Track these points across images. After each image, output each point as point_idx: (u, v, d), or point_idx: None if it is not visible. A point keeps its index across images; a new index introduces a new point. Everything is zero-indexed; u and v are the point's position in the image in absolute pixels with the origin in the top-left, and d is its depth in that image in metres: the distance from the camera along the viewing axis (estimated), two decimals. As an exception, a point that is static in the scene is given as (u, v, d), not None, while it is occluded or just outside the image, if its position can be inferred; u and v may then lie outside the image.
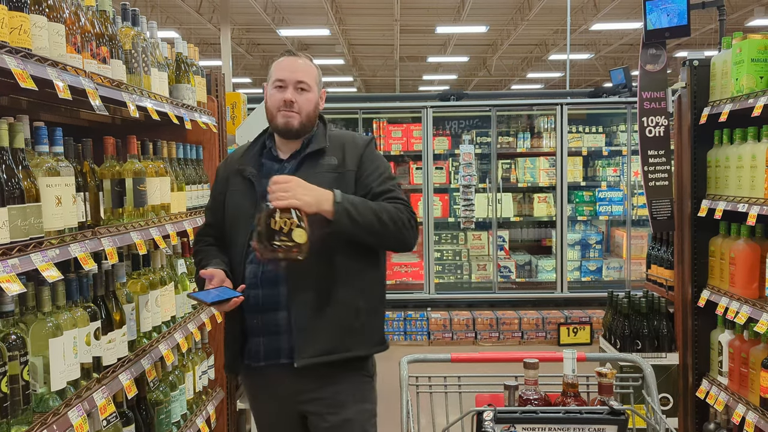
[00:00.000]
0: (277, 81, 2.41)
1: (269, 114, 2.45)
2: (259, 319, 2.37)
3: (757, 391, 3.03)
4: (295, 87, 2.40)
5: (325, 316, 2.33)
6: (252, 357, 2.41)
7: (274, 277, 2.34)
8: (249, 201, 2.41)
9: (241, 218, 2.41)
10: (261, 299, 2.35)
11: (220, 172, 2.60)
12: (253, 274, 2.37)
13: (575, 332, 7.02)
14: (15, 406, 1.80)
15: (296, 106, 2.39)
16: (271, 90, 2.44)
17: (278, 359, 2.37)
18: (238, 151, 2.62)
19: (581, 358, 1.89)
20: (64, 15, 2.09)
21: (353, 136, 2.52)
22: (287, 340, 2.35)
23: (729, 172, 3.32)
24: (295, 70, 2.42)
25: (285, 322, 2.34)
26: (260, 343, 2.39)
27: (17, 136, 1.87)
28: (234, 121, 4.31)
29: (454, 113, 8.04)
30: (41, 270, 1.85)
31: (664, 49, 3.79)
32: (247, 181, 2.44)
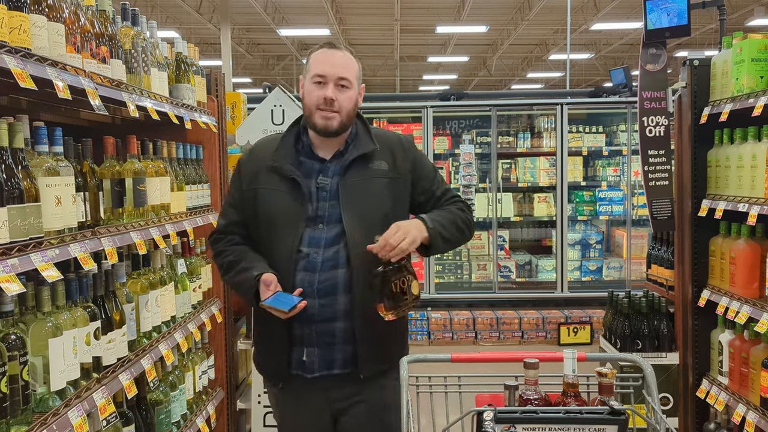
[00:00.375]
0: (316, 76, 2.25)
1: (307, 111, 2.30)
2: (313, 329, 2.26)
3: (757, 390, 3.03)
4: (336, 84, 2.25)
5: (384, 323, 2.25)
6: (304, 368, 2.30)
7: (331, 287, 2.25)
8: (295, 202, 2.27)
9: (287, 219, 2.28)
10: (317, 309, 2.25)
11: (246, 167, 2.41)
12: (308, 283, 2.24)
13: (575, 332, 7.02)
14: (15, 406, 1.80)
15: (336, 105, 2.25)
16: (310, 85, 2.28)
17: (332, 369, 2.29)
18: (265, 144, 2.45)
19: (581, 358, 1.88)
20: (64, 15, 2.09)
21: (398, 138, 2.42)
22: (342, 350, 2.27)
23: (729, 172, 3.32)
24: (337, 65, 2.26)
25: (342, 332, 2.26)
26: (314, 353, 2.28)
27: (17, 135, 1.87)
28: (234, 120, 4.31)
29: (454, 113, 8.04)
30: (41, 270, 1.85)
31: (664, 48, 3.78)
32: (290, 180, 2.30)
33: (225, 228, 2.44)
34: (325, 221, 2.27)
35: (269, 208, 2.31)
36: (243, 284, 2.27)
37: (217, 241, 2.45)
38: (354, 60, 2.31)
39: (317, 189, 2.29)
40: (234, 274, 2.32)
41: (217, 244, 2.44)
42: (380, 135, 2.39)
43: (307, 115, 2.31)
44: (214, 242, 2.47)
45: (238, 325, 4.12)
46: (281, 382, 2.37)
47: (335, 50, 2.29)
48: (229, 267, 2.36)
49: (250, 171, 2.38)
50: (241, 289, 2.31)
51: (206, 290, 3.56)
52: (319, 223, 2.27)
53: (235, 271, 2.32)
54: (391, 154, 2.35)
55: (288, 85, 21.14)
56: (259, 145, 2.47)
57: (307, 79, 2.29)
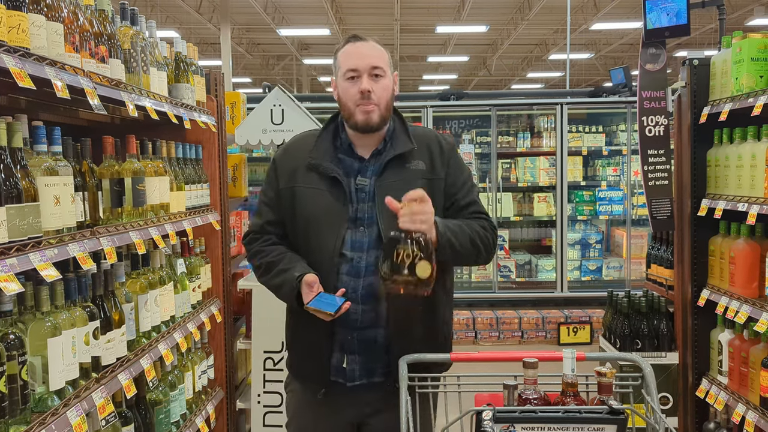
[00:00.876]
0: (349, 71, 2.17)
1: (347, 111, 2.20)
2: (355, 335, 2.19)
3: (757, 390, 3.03)
4: (370, 74, 2.16)
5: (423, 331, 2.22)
6: (345, 376, 2.22)
7: (375, 293, 2.16)
8: (336, 201, 2.19)
9: (328, 220, 2.19)
10: (360, 315, 2.17)
11: (282, 164, 2.30)
12: (351, 288, 2.16)
13: (575, 332, 7.02)
14: (13, 406, 1.80)
15: (374, 97, 2.16)
16: (344, 83, 2.19)
17: (372, 378, 2.22)
18: (301, 141, 2.35)
19: (581, 358, 1.88)
20: (63, 14, 2.09)
21: (437, 138, 2.32)
22: (384, 358, 2.19)
23: (729, 172, 3.32)
24: (367, 56, 2.17)
25: (384, 338, 2.19)
26: (355, 360, 2.20)
27: (15, 135, 1.87)
28: (233, 120, 4.31)
29: (454, 113, 8.04)
30: (40, 269, 1.85)
31: (663, 48, 3.78)
32: (330, 179, 2.21)
33: (261, 227, 2.33)
34: (365, 223, 2.19)
35: (309, 208, 2.22)
36: (283, 286, 2.18)
37: (253, 242, 2.35)
38: (382, 48, 2.23)
39: (356, 189, 2.22)
40: (273, 276, 2.23)
41: (253, 244, 2.34)
42: (418, 133, 2.30)
43: (347, 116, 2.22)
44: (249, 242, 2.37)
45: (238, 324, 4.12)
46: (323, 388, 2.25)
47: (362, 42, 2.21)
48: (267, 269, 2.26)
49: (286, 168, 2.28)
50: (281, 291, 2.22)
51: (206, 290, 3.56)
52: (360, 226, 2.19)
53: (273, 273, 2.23)
54: (429, 153, 2.26)
55: (288, 85, 21.16)
56: (295, 142, 2.37)
57: (339, 77, 2.21)
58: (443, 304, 2.31)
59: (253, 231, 2.37)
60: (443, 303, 2.30)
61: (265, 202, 2.34)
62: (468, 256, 2.19)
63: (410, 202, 1.99)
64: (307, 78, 22.19)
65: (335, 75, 2.25)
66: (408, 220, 1.97)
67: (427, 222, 1.99)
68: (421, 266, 1.93)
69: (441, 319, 2.31)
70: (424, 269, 1.93)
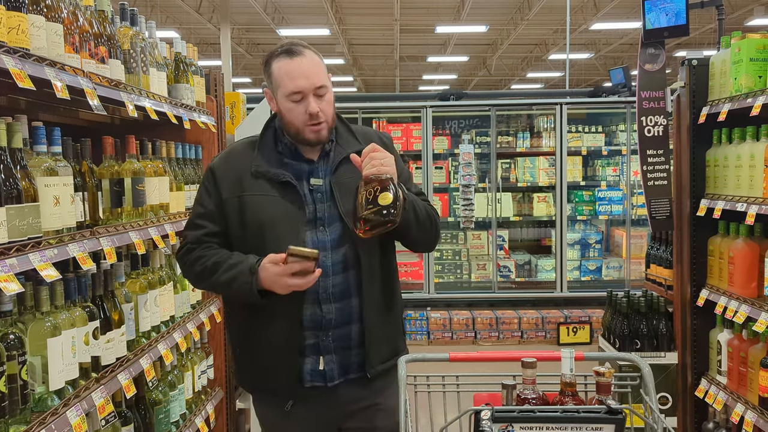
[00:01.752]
0: (293, 94, 2.13)
1: (293, 129, 2.18)
2: (330, 335, 2.18)
3: (755, 390, 3.04)
4: (315, 94, 2.15)
5: (389, 321, 2.29)
6: (324, 377, 2.20)
7: (345, 290, 2.19)
8: (292, 205, 2.16)
9: (285, 224, 2.15)
10: (334, 314, 2.18)
11: (222, 175, 2.23)
12: (322, 288, 2.15)
13: (575, 332, 7.03)
14: (13, 406, 1.80)
15: (322, 115, 2.15)
16: (287, 103, 2.15)
17: (348, 374, 2.23)
18: (239, 149, 2.29)
19: (579, 358, 1.89)
20: (63, 15, 2.09)
21: (377, 134, 2.38)
22: (358, 354, 2.22)
23: (728, 172, 3.32)
24: (310, 74, 2.13)
25: (357, 335, 2.21)
26: (332, 360, 2.20)
27: (15, 135, 1.87)
28: (233, 120, 4.32)
29: (454, 113, 8.04)
30: (39, 270, 1.86)
31: (663, 48, 3.79)
32: (281, 184, 2.18)
33: (198, 239, 2.22)
34: (325, 223, 2.21)
35: (261, 214, 2.16)
36: (238, 277, 2.09)
37: (190, 251, 2.23)
38: (319, 58, 2.19)
39: (311, 191, 2.21)
40: (222, 272, 2.13)
41: (191, 253, 2.22)
42: (361, 131, 2.35)
43: (293, 132, 2.19)
44: (186, 253, 2.23)
45: (238, 324, 4.12)
46: (291, 400, 2.22)
47: (299, 57, 2.14)
48: (213, 269, 2.15)
49: (228, 178, 2.21)
50: (234, 283, 2.10)
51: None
52: (320, 226, 2.20)
53: (222, 269, 2.13)
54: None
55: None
56: (233, 151, 2.31)
57: (280, 96, 2.16)
58: (398, 292, 2.39)
59: (189, 242, 2.24)
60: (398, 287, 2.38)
61: (202, 214, 2.23)
62: (425, 227, 2.24)
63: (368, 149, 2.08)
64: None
65: (272, 88, 2.20)
66: (369, 165, 2.03)
67: (387, 163, 2.04)
68: (383, 196, 1.99)
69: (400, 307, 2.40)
70: (384, 197, 1.99)
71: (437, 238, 2.38)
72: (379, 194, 1.99)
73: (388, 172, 2.03)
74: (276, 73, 2.16)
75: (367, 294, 2.21)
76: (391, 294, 2.32)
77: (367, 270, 2.21)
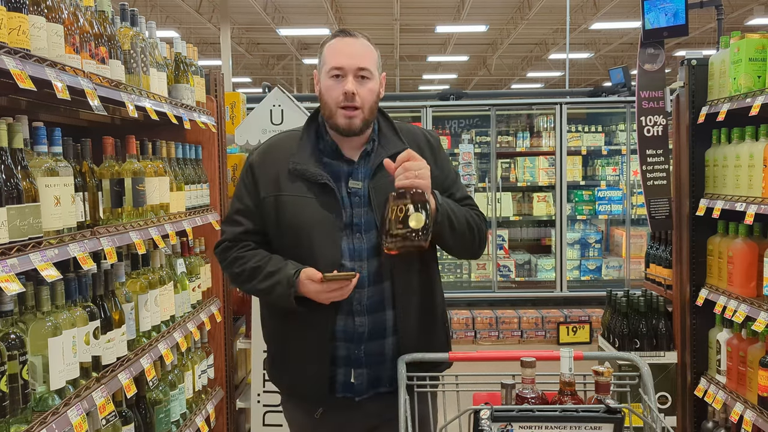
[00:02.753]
0: (333, 69, 2.04)
1: (327, 110, 2.09)
2: (362, 348, 2.09)
3: (755, 389, 3.04)
4: (356, 75, 2.04)
5: (429, 333, 2.17)
6: (353, 390, 2.12)
7: (379, 303, 2.09)
8: (328, 209, 2.07)
9: (322, 229, 2.06)
10: (367, 327, 2.08)
11: (261, 171, 2.15)
12: (356, 300, 2.06)
13: (574, 331, 7.03)
14: (14, 405, 1.81)
15: (358, 100, 2.04)
16: (327, 80, 2.07)
17: (378, 388, 2.13)
18: (280, 144, 2.20)
19: (579, 357, 1.89)
20: (63, 15, 2.10)
21: (424, 134, 2.25)
22: (391, 368, 2.10)
23: (727, 171, 3.33)
24: (355, 55, 2.05)
25: (391, 349, 2.11)
26: (363, 374, 2.10)
27: (16, 136, 1.88)
28: (233, 120, 4.32)
29: (454, 113, 8.04)
30: (40, 270, 1.86)
31: (662, 48, 3.79)
32: (319, 185, 2.09)
33: (236, 236, 2.18)
34: (362, 230, 2.09)
35: (298, 217, 2.07)
36: (276, 286, 2.04)
37: (228, 249, 2.18)
38: (372, 48, 2.11)
39: (349, 194, 2.11)
40: (260, 280, 2.08)
41: (229, 252, 2.18)
42: (406, 131, 2.22)
43: (327, 116, 2.10)
44: (224, 251, 2.20)
45: (238, 324, 4.13)
46: (321, 408, 2.16)
47: (351, 38, 2.08)
48: (252, 274, 2.10)
49: (267, 175, 2.13)
50: (274, 292, 2.06)
51: (205, 290, 3.57)
52: (356, 232, 2.09)
53: (261, 277, 2.08)
54: (419, 150, 2.13)
55: (288, 85, 21.16)
56: (274, 145, 2.21)
57: (323, 73, 2.09)
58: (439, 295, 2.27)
59: (227, 239, 2.19)
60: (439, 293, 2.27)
61: (241, 210, 2.18)
62: (463, 236, 2.12)
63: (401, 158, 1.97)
64: (307, 78, 22.19)
65: (319, 69, 2.13)
66: (403, 176, 1.93)
67: (422, 176, 1.93)
68: (414, 217, 1.90)
69: (440, 315, 2.26)
70: (417, 219, 1.90)
71: (481, 247, 2.23)
72: (410, 213, 1.90)
73: (421, 186, 1.93)
74: (325, 52, 2.10)
75: (403, 307, 2.10)
76: (431, 305, 2.20)
77: (402, 282, 2.11)
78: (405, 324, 2.11)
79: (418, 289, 2.15)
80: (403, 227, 1.90)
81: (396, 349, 2.11)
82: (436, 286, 2.26)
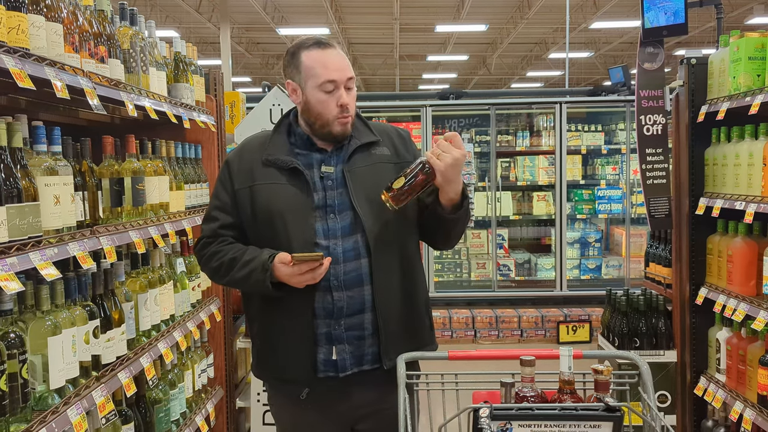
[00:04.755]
0: (328, 83, 2.13)
1: (322, 121, 2.18)
2: (342, 324, 2.15)
3: (754, 388, 3.04)
4: (346, 86, 2.17)
5: (409, 312, 2.24)
6: (336, 367, 2.17)
7: (357, 278, 2.16)
8: (300, 192, 2.17)
9: (294, 211, 2.16)
10: (346, 302, 2.15)
11: (236, 166, 2.26)
12: (333, 276, 2.13)
13: (574, 330, 7.03)
14: (14, 405, 1.81)
15: (350, 108, 2.18)
16: (319, 93, 2.15)
17: (362, 365, 2.19)
18: (253, 141, 2.32)
19: (578, 356, 1.89)
20: (62, 14, 2.10)
21: (395, 129, 2.38)
22: (372, 344, 2.18)
23: (726, 170, 3.33)
24: (343, 67, 2.16)
25: (371, 324, 2.18)
26: (345, 350, 2.16)
27: (15, 135, 1.88)
28: (233, 120, 4.32)
29: (454, 112, 8.04)
30: (40, 269, 1.86)
31: (661, 47, 3.79)
32: (289, 171, 2.18)
33: (214, 232, 2.25)
34: (336, 210, 2.19)
35: (271, 203, 2.17)
36: (253, 273, 2.12)
37: (206, 246, 2.26)
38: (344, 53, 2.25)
39: (321, 178, 2.20)
40: (238, 269, 2.16)
41: (208, 247, 2.26)
42: (377, 126, 2.35)
43: (320, 125, 2.18)
44: (202, 247, 2.28)
45: (238, 323, 4.13)
46: (307, 388, 2.20)
47: (332, 49, 2.17)
48: (230, 265, 2.19)
49: (241, 169, 2.24)
50: (250, 279, 2.13)
51: (205, 289, 3.57)
52: (330, 213, 2.18)
53: (238, 266, 2.16)
54: (392, 142, 2.30)
55: (287, 85, 21.08)
56: (248, 143, 2.34)
57: (311, 87, 2.16)
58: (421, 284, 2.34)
59: (205, 236, 2.28)
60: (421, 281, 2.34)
61: (218, 206, 2.27)
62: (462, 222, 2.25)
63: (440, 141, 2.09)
64: (307, 77, 22.15)
65: (299, 79, 2.18)
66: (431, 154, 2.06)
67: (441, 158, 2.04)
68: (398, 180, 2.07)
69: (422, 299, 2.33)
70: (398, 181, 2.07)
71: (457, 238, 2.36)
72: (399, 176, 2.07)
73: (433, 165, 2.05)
74: (307, 63, 2.16)
75: (381, 283, 2.17)
76: (411, 284, 2.27)
77: (380, 258, 2.17)
78: (382, 299, 2.18)
79: (398, 267, 2.23)
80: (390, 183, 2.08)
81: (375, 324, 2.18)
82: (416, 270, 2.32)
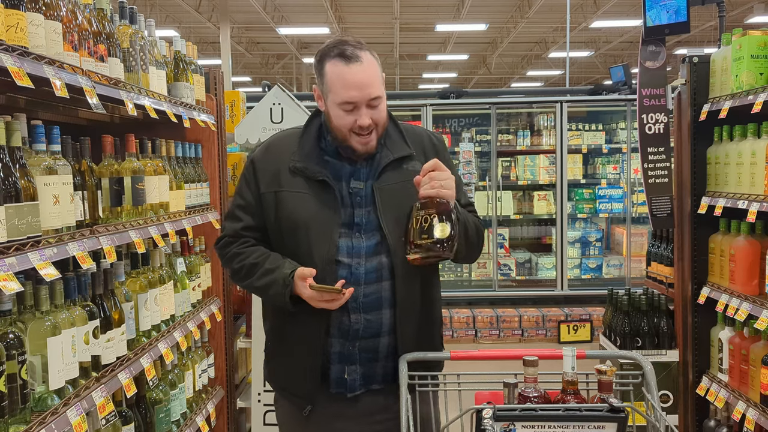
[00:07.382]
0: (345, 104, 2.00)
1: (340, 134, 2.06)
2: (356, 345, 2.09)
3: (757, 387, 3.03)
4: (368, 105, 2.01)
5: (425, 335, 2.17)
6: (346, 386, 2.12)
7: (376, 301, 2.08)
8: (326, 206, 2.07)
9: (318, 226, 2.06)
10: (362, 324, 2.07)
11: (262, 167, 2.15)
12: (352, 297, 2.03)
13: (575, 330, 7.02)
14: (13, 405, 1.80)
15: (373, 126, 2.03)
16: (337, 110, 2.02)
17: (371, 385, 2.14)
18: (282, 141, 2.19)
19: (581, 356, 1.88)
20: (61, 13, 2.09)
21: (429, 136, 2.24)
22: (384, 366, 2.12)
23: (729, 169, 3.31)
24: (365, 86, 1.99)
25: (385, 347, 2.11)
26: (356, 371, 2.11)
27: (14, 134, 1.86)
28: (233, 119, 4.31)
29: (454, 111, 8.04)
30: (39, 269, 1.85)
31: (663, 46, 3.78)
32: (318, 183, 2.09)
33: (236, 232, 2.18)
34: (362, 229, 2.09)
35: (296, 213, 2.08)
36: (272, 285, 2.05)
37: (228, 245, 2.20)
38: (375, 62, 2.04)
39: (350, 194, 2.10)
40: (258, 277, 2.09)
41: (229, 247, 2.19)
42: (411, 132, 2.21)
43: (340, 138, 2.07)
44: (224, 246, 2.21)
45: (238, 323, 4.12)
46: (310, 405, 2.15)
47: (357, 64, 1.99)
48: (249, 271, 2.12)
49: (267, 171, 2.13)
50: (269, 291, 2.07)
51: (205, 289, 3.56)
52: (356, 232, 2.09)
53: (258, 274, 2.09)
54: (424, 154, 2.15)
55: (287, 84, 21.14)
56: (276, 143, 2.20)
57: (331, 102, 2.04)
58: (438, 301, 2.29)
59: (227, 235, 2.21)
60: (438, 300, 2.29)
61: (242, 206, 2.18)
62: (471, 245, 2.15)
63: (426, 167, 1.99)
64: (307, 77, 22.19)
65: (323, 90, 2.07)
66: (428, 186, 1.94)
67: (447, 186, 1.95)
68: (440, 227, 1.91)
69: (438, 317, 2.29)
70: (442, 230, 1.91)
71: (480, 252, 2.26)
72: (435, 224, 1.91)
73: (446, 196, 1.94)
74: (329, 76, 2.03)
75: (402, 308, 2.09)
76: (429, 308, 2.20)
77: (402, 282, 2.09)
78: (404, 324, 2.10)
79: (420, 292, 2.15)
80: (427, 237, 1.91)
81: (392, 348, 2.11)
82: (435, 290, 2.27)
